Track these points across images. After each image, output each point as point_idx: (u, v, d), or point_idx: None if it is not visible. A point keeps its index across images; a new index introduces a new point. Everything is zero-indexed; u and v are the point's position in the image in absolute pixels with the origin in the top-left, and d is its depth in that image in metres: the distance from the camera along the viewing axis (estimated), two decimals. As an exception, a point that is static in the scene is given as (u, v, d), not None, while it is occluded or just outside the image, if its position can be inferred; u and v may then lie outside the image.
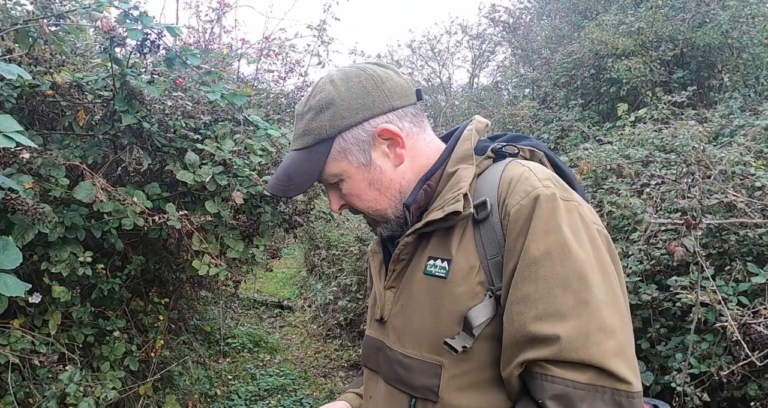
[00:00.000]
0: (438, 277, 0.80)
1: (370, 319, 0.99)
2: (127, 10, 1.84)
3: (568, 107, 5.32)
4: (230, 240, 2.33)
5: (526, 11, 8.09)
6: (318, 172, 0.88)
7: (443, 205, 0.80)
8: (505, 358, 0.73)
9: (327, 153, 0.86)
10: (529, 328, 0.69)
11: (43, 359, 1.97)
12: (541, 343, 0.68)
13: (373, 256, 0.99)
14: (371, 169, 0.87)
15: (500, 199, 0.78)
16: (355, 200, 0.90)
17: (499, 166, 0.84)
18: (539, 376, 0.69)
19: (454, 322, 0.77)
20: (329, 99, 0.85)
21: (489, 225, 0.78)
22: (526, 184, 0.76)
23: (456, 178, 0.83)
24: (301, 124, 0.88)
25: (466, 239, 0.79)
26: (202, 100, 2.50)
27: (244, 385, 4.04)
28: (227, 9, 4.72)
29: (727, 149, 2.58)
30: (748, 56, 4.64)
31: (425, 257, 0.84)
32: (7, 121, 1.18)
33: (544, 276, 0.70)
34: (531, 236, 0.72)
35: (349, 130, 0.85)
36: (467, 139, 0.88)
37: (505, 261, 0.75)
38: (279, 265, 7.81)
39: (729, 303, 1.81)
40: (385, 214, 0.90)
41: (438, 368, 0.78)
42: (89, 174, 1.91)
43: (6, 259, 1.16)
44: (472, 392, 0.77)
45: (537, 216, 0.73)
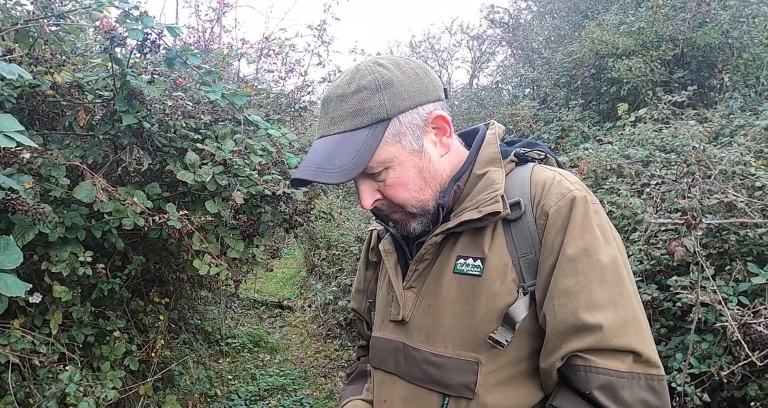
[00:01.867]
0: (471, 275, 0.82)
1: (381, 320, 0.96)
2: (127, 10, 1.84)
3: (569, 107, 5.31)
4: (230, 240, 2.33)
5: (527, 10, 8.09)
6: (371, 155, 0.79)
7: (478, 205, 0.82)
8: (547, 349, 0.76)
9: (381, 135, 0.80)
10: (575, 317, 0.73)
11: (43, 359, 1.97)
12: (586, 332, 0.73)
13: (387, 256, 0.96)
14: (422, 157, 0.85)
15: (534, 200, 0.82)
16: (401, 191, 0.84)
17: (525, 169, 0.87)
18: (583, 368, 0.73)
19: (491, 319, 0.79)
20: (387, 79, 0.82)
21: (522, 224, 0.81)
22: (561, 187, 0.81)
23: (488, 180, 0.85)
24: (350, 103, 0.81)
25: (498, 238, 0.82)
26: (202, 100, 2.50)
27: (244, 385, 4.04)
28: (227, 9, 4.72)
29: (727, 149, 2.58)
30: (749, 56, 4.63)
31: (453, 256, 0.85)
32: (7, 121, 1.18)
33: (583, 271, 0.75)
34: (569, 235, 0.77)
35: (406, 113, 0.82)
36: (492, 143, 0.90)
37: (543, 257, 0.79)
38: (279, 265, 7.80)
39: (729, 303, 1.80)
40: (427, 206, 0.87)
41: (475, 365, 0.79)
42: (89, 174, 1.91)
43: (6, 259, 1.16)
44: (506, 387, 0.79)
45: (574, 216, 0.78)
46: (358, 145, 0.80)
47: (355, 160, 0.79)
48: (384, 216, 0.92)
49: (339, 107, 0.83)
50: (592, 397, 0.71)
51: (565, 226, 0.78)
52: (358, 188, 0.86)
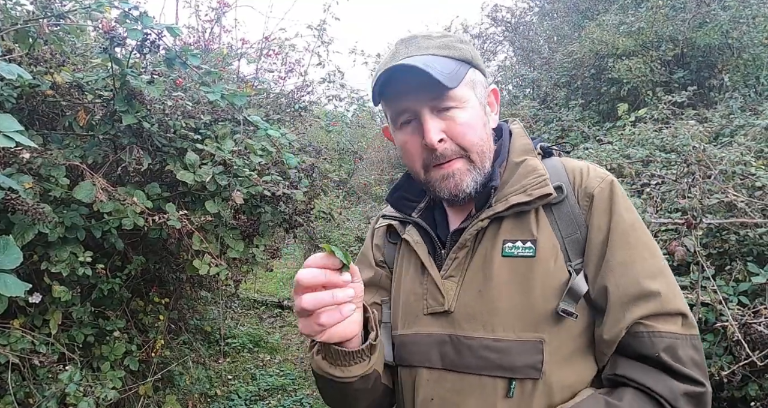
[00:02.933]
0: (524, 257, 0.84)
1: (413, 316, 0.92)
2: (127, 10, 1.84)
3: (569, 107, 5.31)
4: (230, 240, 2.33)
5: (529, 11, 8.09)
6: (459, 81, 0.83)
7: (525, 189, 0.85)
8: (612, 319, 0.79)
9: (465, 73, 0.86)
10: (637, 285, 0.78)
11: (43, 359, 1.97)
12: (648, 298, 0.78)
13: (417, 246, 0.94)
14: (485, 113, 0.91)
15: (574, 185, 0.87)
16: (470, 131, 0.86)
17: (554, 160, 0.93)
18: (647, 334, 0.77)
19: (550, 296, 0.82)
20: (467, 40, 0.92)
21: (565, 207, 0.86)
22: (598, 172, 0.88)
23: (528, 167, 0.88)
24: (437, 41, 0.87)
25: (542, 221, 0.86)
26: (202, 100, 2.50)
27: (244, 385, 4.04)
28: (227, 9, 4.72)
29: (727, 149, 2.58)
30: (749, 56, 4.63)
31: (499, 241, 0.86)
32: (7, 121, 1.18)
33: (634, 244, 0.82)
34: (616, 213, 0.83)
35: (479, 72, 0.90)
36: (522, 136, 0.95)
37: (591, 235, 0.84)
38: (279, 265, 7.80)
39: (729, 303, 1.80)
40: (485, 162, 0.88)
41: (539, 344, 0.81)
42: (89, 174, 1.91)
43: (6, 259, 1.16)
44: (568, 364, 0.81)
45: (616, 196, 0.85)
46: (451, 67, 0.84)
47: (452, 75, 0.83)
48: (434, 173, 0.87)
49: (425, 42, 0.87)
50: (660, 359, 0.76)
51: (610, 206, 0.84)
52: (425, 123, 0.84)
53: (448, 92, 0.83)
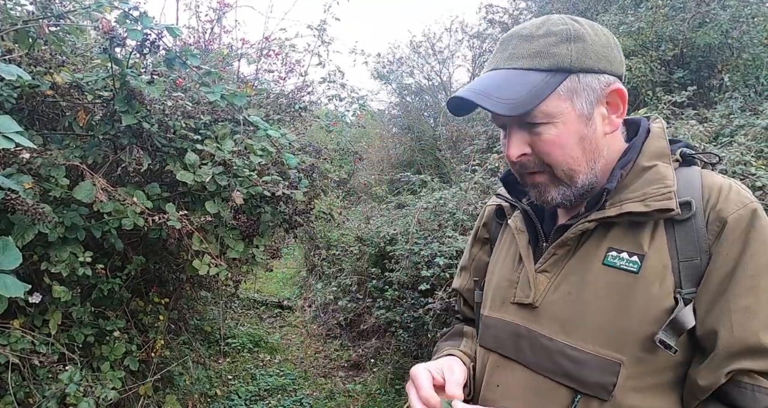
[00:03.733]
0: (626, 270, 0.77)
1: (500, 301, 0.92)
2: (127, 11, 1.84)
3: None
4: (230, 240, 2.33)
5: (527, 11, 8.09)
6: (541, 100, 0.75)
7: (644, 198, 0.77)
8: (713, 364, 0.72)
9: (557, 85, 0.76)
10: (755, 338, 0.70)
11: (43, 359, 1.97)
12: (762, 355, 0.69)
13: (518, 234, 0.92)
14: (588, 125, 0.80)
15: (707, 204, 0.77)
16: (556, 150, 0.78)
17: (692, 171, 0.82)
18: (750, 387, 0.70)
19: (647, 321, 0.74)
20: (579, 33, 0.78)
21: (689, 227, 0.76)
22: (741, 195, 0.77)
23: (657, 174, 0.79)
24: (534, 44, 0.78)
25: (659, 238, 0.77)
26: (202, 101, 2.50)
27: (244, 385, 4.04)
28: (227, 9, 4.72)
29: (727, 149, 2.58)
30: (749, 56, 4.63)
31: (604, 247, 0.80)
32: (6, 122, 1.18)
33: (765, 290, 0.71)
34: (752, 248, 0.72)
35: (588, 74, 0.78)
36: (660, 137, 0.85)
37: (713, 266, 0.74)
38: (279, 265, 7.80)
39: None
40: (577, 178, 0.81)
41: (617, 366, 0.75)
42: (89, 174, 1.91)
43: (6, 259, 1.16)
44: (644, 395, 0.75)
45: (757, 229, 0.73)
46: (531, 85, 0.76)
47: (524, 98, 0.75)
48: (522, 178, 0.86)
49: (521, 45, 0.79)
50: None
51: (746, 238, 0.73)
52: (509, 135, 0.81)
53: (531, 111, 0.76)
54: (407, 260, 4.07)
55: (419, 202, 4.30)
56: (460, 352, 1.00)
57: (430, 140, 8.18)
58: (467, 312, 1.13)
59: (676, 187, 0.77)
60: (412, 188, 6.00)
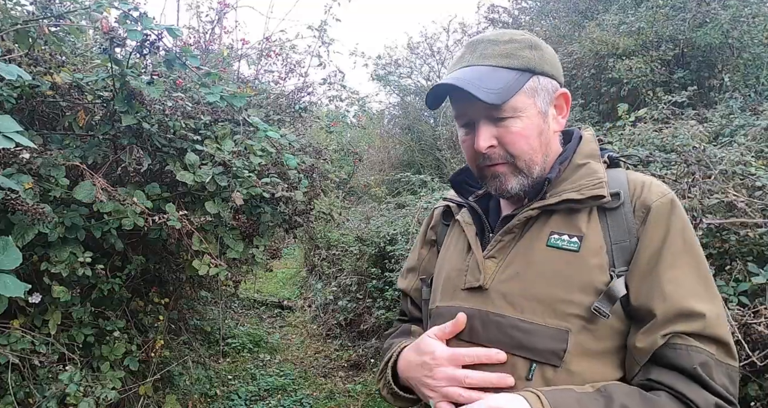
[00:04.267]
0: (568, 249, 0.87)
1: (451, 290, 0.98)
2: (126, 11, 1.84)
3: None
4: (230, 240, 2.33)
5: (527, 10, 8.08)
6: (515, 93, 0.87)
7: (580, 188, 0.88)
8: (651, 328, 0.81)
9: (524, 83, 0.88)
10: (685, 303, 0.80)
11: (43, 359, 1.97)
12: (692, 318, 0.79)
13: (466, 227, 1.00)
14: (545, 121, 0.93)
15: (633, 195, 0.89)
16: (521, 141, 0.89)
17: (618, 171, 0.95)
18: (685, 348, 0.79)
19: (585, 292, 0.84)
20: (537, 43, 0.92)
21: (619, 214, 0.88)
22: (660, 188, 0.90)
23: (589, 169, 0.92)
24: (502, 47, 0.90)
25: (594, 222, 0.88)
26: (202, 101, 2.50)
27: (244, 385, 4.04)
28: (227, 9, 4.72)
29: (727, 149, 2.58)
30: (749, 56, 4.63)
31: (546, 231, 0.90)
32: (6, 122, 1.18)
33: (688, 264, 0.83)
34: (673, 231, 0.84)
35: (545, 77, 0.92)
36: (591, 141, 0.99)
37: (642, 246, 0.85)
38: (279, 265, 7.80)
39: (729, 303, 1.80)
40: (533, 169, 0.92)
41: (565, 333, 0.83)
42: (89, 174, 1.91)
43: (6, 259, 1.16)
44: (592, 360, 0.83)
45: (675, 215, 0.86)
46: (505, 80, 0.87)
47: (503, 90, 0.85)
48: (481, 171, 0.94)
49: (490, 47, 0.90)
50: (696, 372, 0.77)
51: (668, 222, 0.85)
52: (479, 129, 0.90)
53: (502, 105, 0.86)
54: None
55: (419, 202, 4.30)
56: None
57: (430, 140, 8.18)
58: (414, 311, 1.17)
59: (607, 180, 0.89)
60: (412, 188, 6.00)
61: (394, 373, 1.00)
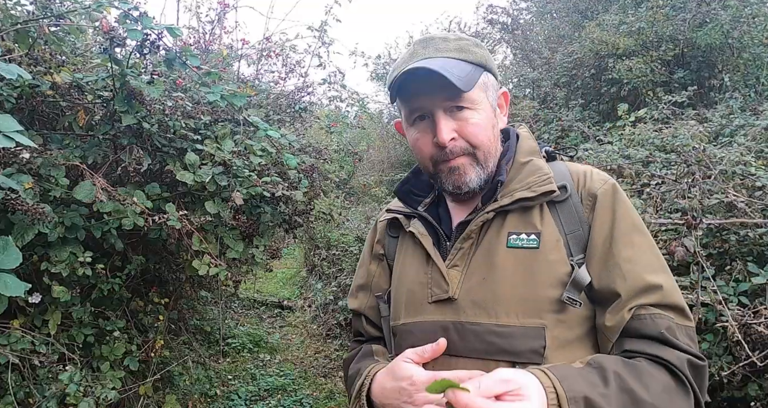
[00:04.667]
0: (528, 248, 0.89)
1: (417, 304, 0.94)
2: (127, 11, 1.84)
3: (569, 107, 5.31)
4: (230, 240, 2.33)
5: (526, 11, 8.08)
6: (475, 82, 0.89)
7: (530, 186, 0.91)
8: (617, 307, 0.84)
9: (479, 77, 0.91)
10: (642, 279, 0.84)
11: (43, 359, 1.97)
12: (652, 291, 0.84)
13: (422, 238, 0.98)
14: (495, 115, 0.96)
15: (578, 185, 0.93)
16: (481, 132, 0.91)
17: (558, 164, 0.98)
18: (648, 317, 0.83)
19: (554, 286, 0.86)
20: (481, 44, 0.96)
21: (568, 205, 0.91)
22: (600, 175, 0.94)
23: (534, 166, 0.94)
24: (454, 44, 0.92)
25: (546, 217, 0.91)
26: (202, 101, 2.50)
27: (244, 385, 4.04)
28: (228, 10, 4.72)
29: (727, 149, 2.58)
30: (749, 56, 4.63)
31: (504, 233, 0.91)
32: (6, 121, 1.18)
33: (639, 243, 0.88)
34: (620, 213, 0.89)
35: (491, 75, 0.95)
36: (529, 138, 1.01)
37: (594, 232, 0.89)
38: (279, 265, 7.80)
39: (729, 303, 1.80)
40: (489, 161, 0.94)
41: (541, 330, 0.84)
42: (89, 174, 1.91)
43: (6, 259, 1.16)
44: (568, 349, 0.85)
45: (619, 198, 0.90)
46: (465, 71, 0.89)
47: (467, 78, 0.88)
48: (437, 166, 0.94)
49: (443, 43, 0.93)
50: (663, 335, 0.82)
51: (613, 206, 0.89)
52: (438, 122, 0.90)
53: (463, 94, 0.88)
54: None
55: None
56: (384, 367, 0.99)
57: (431, 140, 8.15)
58: (372, 331, 1.10)
59: (552, 175, 0.92)
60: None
61: (368, 401, 0.94)
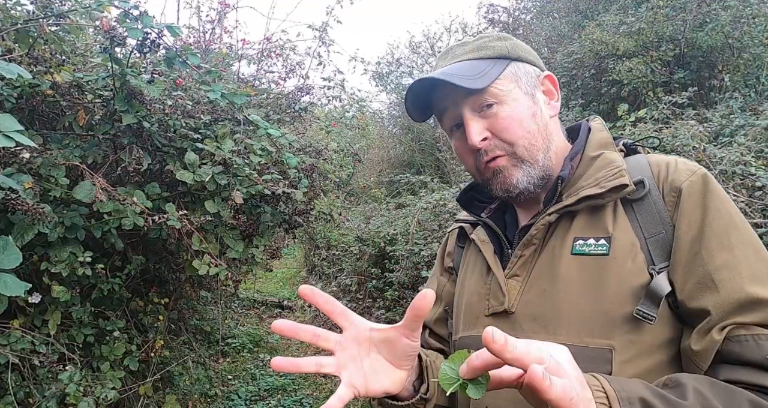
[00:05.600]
0: (596, 254, 0.77)
1: (474, 317, 0.88)
2: (127, 10, 1.84)
3: (569, 107, 5.31)
4: (230, 240, 2.33)
5: (526, 11, 8.09)
6: (494, 78, 0.82)
7: (598, 181, 0.79)
8: (705, 328, 0.69)
9: (503, 69, 0.84)
10: (742, 292, 0.68)
11: (43, 359, 1.97)
12: (754, 307, 0.67)
13: (483, 245, 0.90)
14: (535, 102, 0.86)
15: (659, 179, 0.79)
16: (514, 125, 0.82)
17: (638, 156, 0.86)
18: (752, 338, 0.67)
19: (625, 299, 0.73)
20: (506, 36, 0.89)
21: (647, 204, 0.78)
22: (687, 165, 0.79)
23: (605, 160, 0.82)
24: (473, 44, 0.87)
25: (621, 218, 0.78)
26: (202, 100, 2.50)
27: (244, 385, 4.04)
28: (228, 9, 4.72)
29: (727, 149, 2.58)
30: (749, 56, 4.63)
31: (569, 239, 0.80)
32: (7, 121, 1.18)
33: (737, 244, 0.71)
34: (711, 208, 0.73)
35: (524, 63, 0.87)
36: (602, 130, 0.90)
37: (680, 234, 0.74)
38: (279, 265, 7.80)
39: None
40: (536, 155, 0.83)
41: (608, 353, 0.72)
42: (89, 174, 1.91)
43: (6, 259, 1.16)
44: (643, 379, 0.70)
45: (711, 190, 0.75)
46: (480, 69, 0.83)
47: (482, 75, 0.81)
48: (482, 173, 0.87)
49: (461, 49, 0.88)
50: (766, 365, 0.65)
51: (704, 201, 0.74)
52: (467, 125, 0.83)
53: (485, 90, 0.81)
54: (407, 260, 4.07)
55: (419, 203, 4.30)
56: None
57: (430, 140, 8.18)
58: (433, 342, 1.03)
59: (626, 168, 0.80)
60: (412, 189, 6.00)
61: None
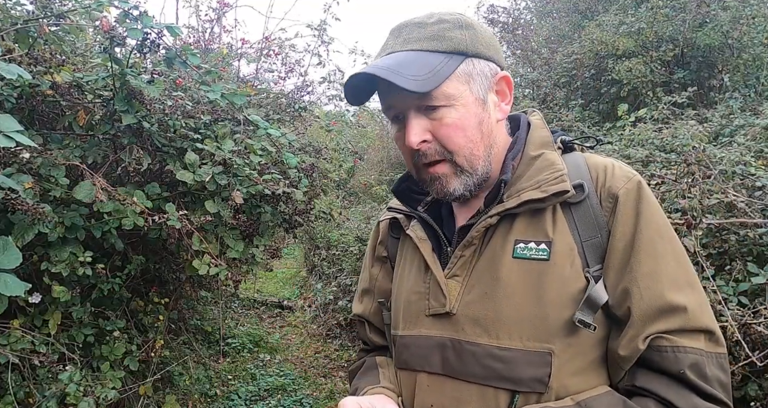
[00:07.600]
0: (537, 259, 0.77)
1: (414, 316, 0.87)
2: (126, 10, 1.84)
3: (569, 107, 5.32)
4: (230, 240, 2.33)
5: (527, 11, 8.10)
6: (444, 79, 0.75)
7: (539, 185, 0.78)
8: (631, 333, 0.73)
9: (455, 67, 0.77)
10: (662, 299, 0.72)
11: (43, 359, 1.97)
12: (673, 313, 0.72)
13: (420, 243, 0.88)
14: (485, 109, 0.81)
15: (597, 183, 0.80)
16: (458, 134, 0.78)
17: (575, 155, 0.85)
18: (671, 349, 0.71)
19: (565, 305, 0.75)
20: (469, 22, 0.81)
21: (585, 207, 0.79)
22: (624, 171, 0.81)
23: (546, 161, 0.81)
24: (429, 29, 0.79)
25: (560, 222, 0.79)
26: (202, 100, 2.50)
27: (244, 385, 4.04)
28: (227, 9, 4.72)
29: (727, 149, 2.58)
30: (749, 56, 4.63)
31: (510, 241, 0.79)
32: (7, 121, 1.18)
33: (662, 253, 0.75)
34: (644, 217, 0.76)
35: (481, 60, 0.80)
36: (541, 127, 0.88)
37: (614, 240, 0.76)
38: (279, 265, 7.80)
39: (729, 303, 1.80)
40: (477, 165, 0.81)
41: (548, 356, 0.74)
42: (89, 174, 1.91)
43: (6, 259, 1.16)
44: (578, 377, 0.75)
45: (644, 200, 0.77)
46: (432, 65, 0.76)
47: (429, 76, 0.74)
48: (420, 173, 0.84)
49: (415, 31, 0.80)
50: (684, 375, 0.70)
51: (637, 209, 0.76)
52: (408, 123, 0.79)
53: (431, 92, 0.75)
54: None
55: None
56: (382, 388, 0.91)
57: (430, 140, 8.17)
58: (376, 339, 1.04)
59: (567, 172, 0.79)
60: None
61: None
